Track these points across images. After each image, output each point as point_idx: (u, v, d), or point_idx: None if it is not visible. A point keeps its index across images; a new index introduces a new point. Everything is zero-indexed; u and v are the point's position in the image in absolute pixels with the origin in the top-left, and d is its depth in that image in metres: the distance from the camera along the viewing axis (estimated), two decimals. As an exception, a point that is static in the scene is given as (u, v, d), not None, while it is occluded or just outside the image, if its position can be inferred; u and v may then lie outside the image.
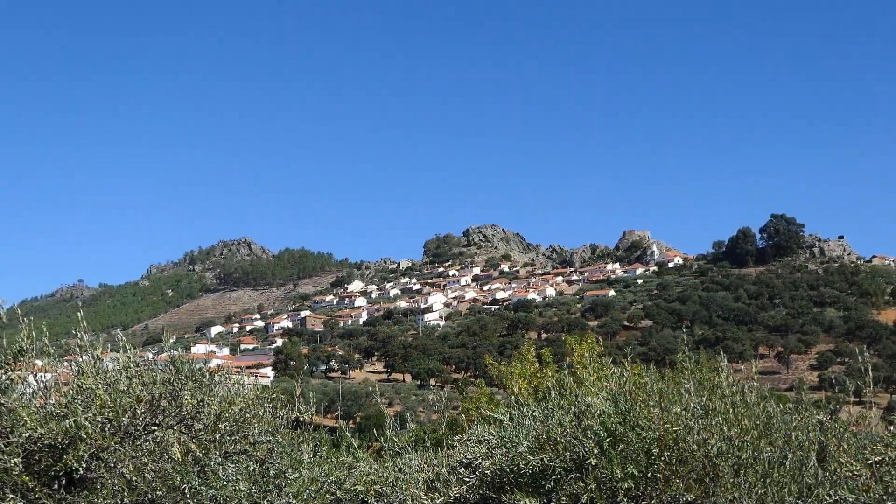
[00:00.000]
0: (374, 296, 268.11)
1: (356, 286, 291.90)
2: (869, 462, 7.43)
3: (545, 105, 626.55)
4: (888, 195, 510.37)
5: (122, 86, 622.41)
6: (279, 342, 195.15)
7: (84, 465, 6.97)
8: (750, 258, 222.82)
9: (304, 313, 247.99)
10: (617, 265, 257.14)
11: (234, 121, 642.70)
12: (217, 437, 7.89)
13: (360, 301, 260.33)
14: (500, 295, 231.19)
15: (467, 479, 8.46)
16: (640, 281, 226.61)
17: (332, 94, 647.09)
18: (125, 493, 7.00)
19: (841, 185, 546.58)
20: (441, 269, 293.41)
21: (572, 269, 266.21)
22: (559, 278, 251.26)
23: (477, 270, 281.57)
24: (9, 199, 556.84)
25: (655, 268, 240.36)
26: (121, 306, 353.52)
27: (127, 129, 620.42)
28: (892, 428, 7.96)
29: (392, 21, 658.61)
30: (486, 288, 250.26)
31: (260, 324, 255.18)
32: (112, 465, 7.10)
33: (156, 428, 7.56)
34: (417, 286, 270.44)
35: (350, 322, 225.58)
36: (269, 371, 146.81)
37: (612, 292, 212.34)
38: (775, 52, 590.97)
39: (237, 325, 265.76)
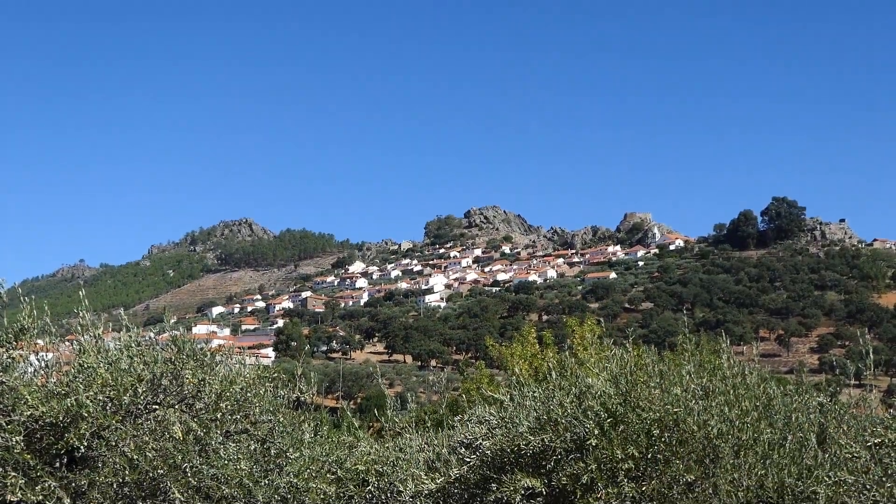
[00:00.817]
0: (375, 277, 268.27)
1: (357, 267, 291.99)
2: (868, 444, 7.44)
3: (547, 88, 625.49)
4: (890, 179, 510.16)
5: (122, 70, 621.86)
6: (280, 323, 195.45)
7: (85, 444, 6.98)
8: (751, 241, 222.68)
9: (305, 294, 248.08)
10: (618, 247, 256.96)
11: (236, 102, 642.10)
12: (218, 416, 7.90)
13: (361, 282, 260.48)
14: (500, 276, 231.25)
15: (468, 460, 8.47)
16: (641, 263, 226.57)
17: (334, 76, 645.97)
18: (126, 472, 7.01)
19: (842, 169, 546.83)
20: (442, 251, 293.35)
21: (573, 251, 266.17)
22: (560, 260, 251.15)
23: (478, 252, 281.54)
24: (11, 180, 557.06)
25: (657, 250, 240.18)
26: (122, 286, 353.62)
27: (128, 112, 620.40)
28: (892, 411, 7.97)
29: (395, 4, 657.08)
30: (486, 269, 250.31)
31: (261, 304, 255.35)
32: (113, 443, 7.11)
33: (157, 407, 7.57)
34: (418, 267, 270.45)
35: (351, 303, 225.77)
36: (270, 351, 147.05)
37: (613, 274, 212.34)
38: (777, 37, 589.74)
39: (238, 305, 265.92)
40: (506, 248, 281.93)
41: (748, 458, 7.68)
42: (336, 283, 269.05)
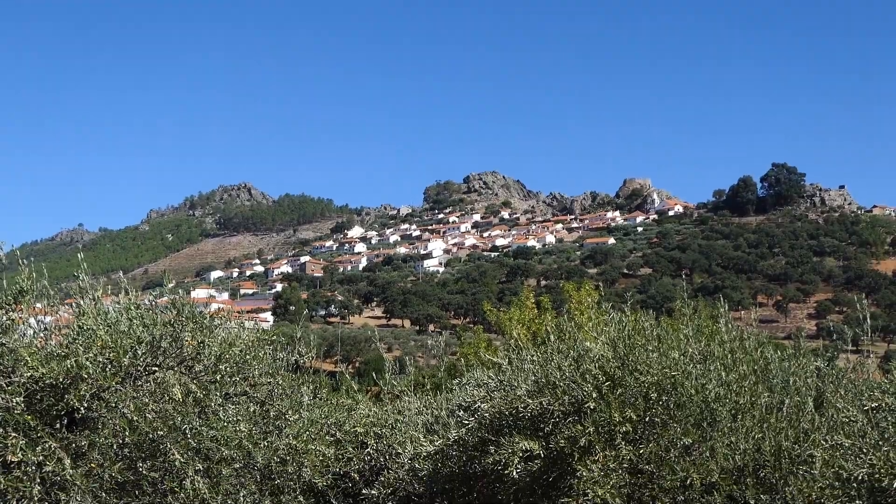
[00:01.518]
0: (373, 242, 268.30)
1: (356, 232, 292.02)
2: (865, 408, 7.46)
3: (546, 51, 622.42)
4: (890, 146, 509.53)
5: (121, 34, 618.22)
6: (279, 287, 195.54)
7: (85, 405, 6.99)
8: (750, 207, 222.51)
9: (303, 259, 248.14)
10: (617, 213, 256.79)
11: (236, 65, 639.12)
12: (217, 378, 7.90)
13: (360, 247, 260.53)
14: (499, 242, 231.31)
15: (466, 422, 8.50)
16: (640, 229, 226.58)
17: (333, 39, 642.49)
18: (126, 433, 7.03)
19: (843, 135, 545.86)
20: (441, 216, 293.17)
21: (572, 217, 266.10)
22: (559, 226, 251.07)
23: (477, 217, 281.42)
24: (10, 143, 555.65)
25: (656, 216, 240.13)
26: (121, 251, 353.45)
27: (129, 75, 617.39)
28: (889, 375, 7.99)
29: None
30: (485, 235, 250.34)
31: (260, 269, 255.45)
32: (113, 405, 7.12)
33: (157, 369, 7.58)
34: (417, 232, 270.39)
35: (350, 268, 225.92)
36: (268, 316, 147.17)
37: (611, 240, 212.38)
38: (777, 3, 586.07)
39: (237, 269, 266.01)
40: (505, 214, 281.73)
41: (746, 422, 7.70)
42: (335, 248, 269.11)
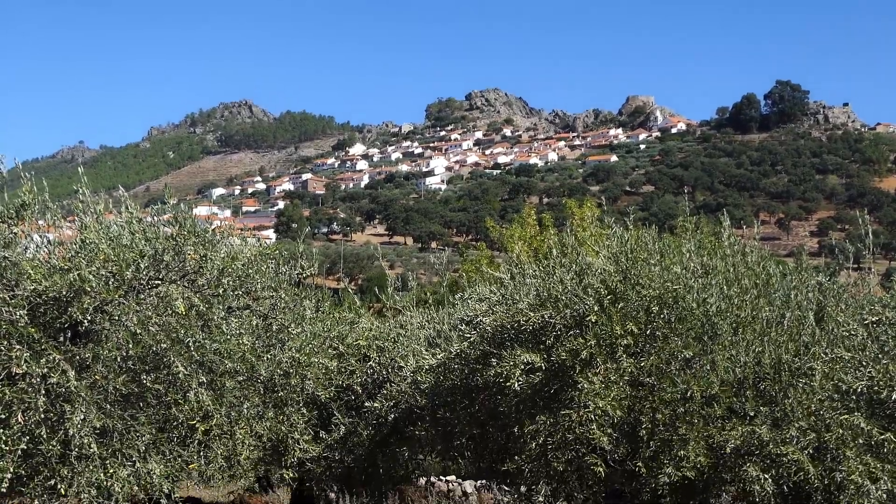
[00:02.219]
0: (375, 159, 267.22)
1: (358, 149, 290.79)
2: (866, 322, 7.49)
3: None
4: (895, 63, 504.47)
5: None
6: (281, 205, 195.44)
7: (89, 318, 7.02)
8: (753, 125, 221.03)
9: (305, 176, 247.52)
10: (620, 130, 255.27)
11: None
12: (220, 292, 7.92)
13: (362, 164, 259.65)
14: (501, 159, 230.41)
15: (468, 336, 8.54)
16: (642, 146, 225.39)
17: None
18: (130, 346, 7.07)
19: (847, 52, 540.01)
20: (443, 133, 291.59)
21: (575, 134, 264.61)
22: (561, 143, 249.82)
23: (479, 135, 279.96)
24: (10, 59, 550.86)
25: (658, 133, 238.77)
26: (122, 168, 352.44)
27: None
28: (890, 290, 8.00)
29: None
30: (487, 152, 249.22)
31: (261, 186, 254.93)
32: (116, 318, 7.14)
33: (159, 282, 7.59)
34: (419, 150, 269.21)
35: (352, 185, 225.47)
36: (271, 233, 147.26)
37: (614, 157, 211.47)
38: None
39: (238, 187, 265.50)
40: (507, 131, 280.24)
41: (746, 336, 7.74)
42: (336, 165, 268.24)
